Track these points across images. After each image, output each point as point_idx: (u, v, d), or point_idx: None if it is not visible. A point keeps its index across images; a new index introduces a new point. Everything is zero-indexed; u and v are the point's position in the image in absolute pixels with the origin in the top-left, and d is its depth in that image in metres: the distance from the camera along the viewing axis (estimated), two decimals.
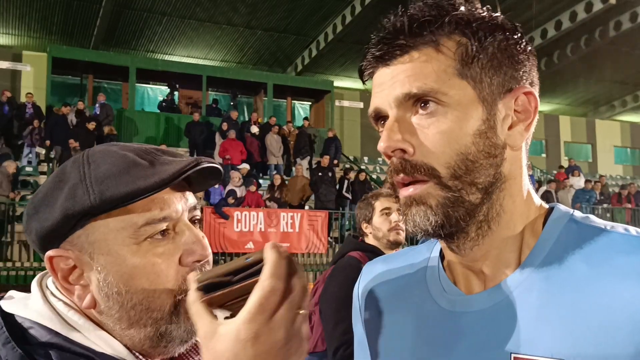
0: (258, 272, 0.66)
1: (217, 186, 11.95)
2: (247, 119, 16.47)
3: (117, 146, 0.85)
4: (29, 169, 12.99)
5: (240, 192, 12.31)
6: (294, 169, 14.33)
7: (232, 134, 13.93)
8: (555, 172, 19.83)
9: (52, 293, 0.83)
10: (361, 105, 19.45)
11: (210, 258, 0.86)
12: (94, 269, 0.80)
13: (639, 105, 22.11)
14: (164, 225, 0.81)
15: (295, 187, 12.98)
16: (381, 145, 0.72)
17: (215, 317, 0.67)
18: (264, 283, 0.64)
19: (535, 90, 0.75)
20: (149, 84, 17.59)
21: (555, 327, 0.69)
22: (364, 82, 0.79)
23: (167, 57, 17.72)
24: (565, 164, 20.67)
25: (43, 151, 13.25)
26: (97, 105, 14.12)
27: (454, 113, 0.70)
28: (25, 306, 0.82)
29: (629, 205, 15.39)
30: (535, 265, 0.74)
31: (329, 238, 12.41)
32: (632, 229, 0.74)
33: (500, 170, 0.73)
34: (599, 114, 23.67)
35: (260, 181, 14.04)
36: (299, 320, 0.67)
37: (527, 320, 0.71)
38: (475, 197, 0.72)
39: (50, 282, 0.85)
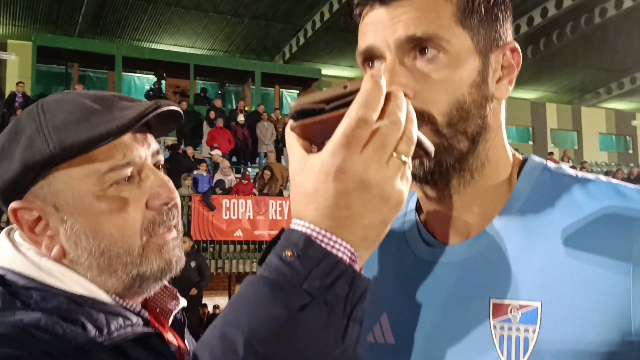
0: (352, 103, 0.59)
1: (204, 174, 11.93)
2: (235, 107, 16.39)
3: (72, 94, 0.84)
4: None
5: (229, 181, 12.30)
6: (282, 157, 14.33)
7: (219, 122, 13.86)
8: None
9: (21, 244, 0.84)
10: None
11: (178, 201, 0.87)
12: (60, 219, 0.81)
13: (624, 93, 22.23)
14: (128, 171, 0.81)
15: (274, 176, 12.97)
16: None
17: (309, 149, 0.63)
18: (351, 112, 0.58)
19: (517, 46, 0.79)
20: (135, 72, 17.42)
21: (532, 273, 0.72)
22: (351, 19, 0.77)
23: (153, 46, 17.54)
24: (551, 150, 20.80)
25: None
26: None
27: (453, 62, 0.72)
28: None
29: None
30: (512, 215, 0.77)
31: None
32: (603, 177, 0.77)
33: (487, 120, 0.76)
34: (585, 102, 23.78)
35: (249, 169, 14.02)
36: (393, 164, 0.60)
37: (505, 268, 0.74)
38: (464, 145, 0.74)
39: (17, 235, 0.86)
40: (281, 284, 0.58)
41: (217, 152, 12.91)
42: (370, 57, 0.76)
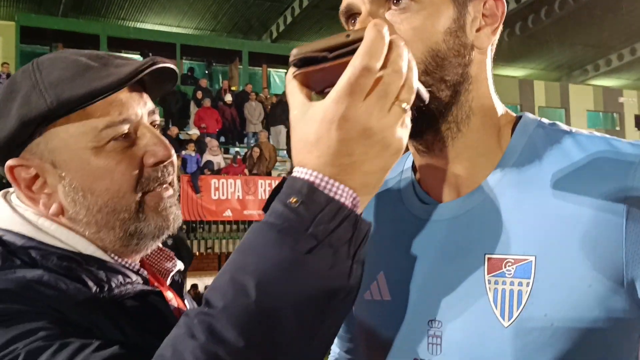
0: (355, 51, 0.59)
1: (193, 154, 11.89)
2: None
3: (67, 52, 0.85)
4: None
5: (217, 161, 12.27)
6: (270, 137, 14.30)
7: (207, 102, 13.78)
8: None
9: (18, 205, 0.84)
10: None
11: (174, 159, 0.88)
12: (57, 176, 0.81)
13: (611, 69, 22.34)
14: (124, 128, 0.82)
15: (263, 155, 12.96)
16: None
17: (310, 97, 0.63)
18: (356, 61, 0.58)
19: None
20: (121, 52, 17.25)
21: (526, 226, 0.72)
22: None
23: (139, 25, 17.35)
24: None
25: None
26: None
27: (427, 10, 0.72)
28: None
29: None
30: (507, 170, 0.77)
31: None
32: (597, 133, 0.78)
33: (468, 70, 0.76)
34: (573, 79, 23.88)
35: (237, 149, 13.99)
36: (394, 112, 0.61)
37: (499, 223, 0.74)
38: (445, 94, 0.75)
39: (14, 196, 0.86)
40: (287, 229, 0.59)
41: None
42: (351, 14, 0.77)
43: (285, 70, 18.87)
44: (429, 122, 0.76)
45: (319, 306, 0.59)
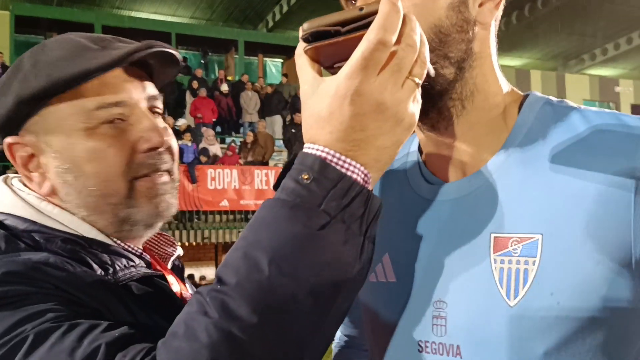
0: (369, 26, 0.58)
1: (189, 144, 11.86)
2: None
3: (74, 34, 0.85)
4: None
5: (213, 150, 12.25)
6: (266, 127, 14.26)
7: (202, 92, 13.72)
8: None
9: (19, 189, 0.84)
10: None
11: (173, 146, 0.87)
12: (51, 156, 0.81)
13: (607, 59, 22.32)
14: (118, 110, 0.81)
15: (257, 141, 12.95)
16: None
17: (320, 73, 0.63)
18: (370, 35, 0.57)
19: None
20: None
21: (533, 205, 0.71)
22: None
23: (133, 14, 17.22)
24: None
25: None
26: None
27: None
28: None
29: None
30: (513, 148, 0.76)
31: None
32: (606, 109, 0.76)
33: (472, 46, 0.75)
34: (569, 68, 23.85)
35: (234, 139, 13.95)
36: (408, 87, 0.61)
37: (506, 202, 0.73)
38: (449, 71, 0.74)
39: (16, 180, 0.86)
40: (300, 205, 0.59)
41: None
42: None
43: (281, 60, 18.83)
44: (433, 100, 0.74)
45: (331, 282, 0.59)
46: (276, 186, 0.63)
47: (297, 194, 0.59)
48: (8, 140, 0.82)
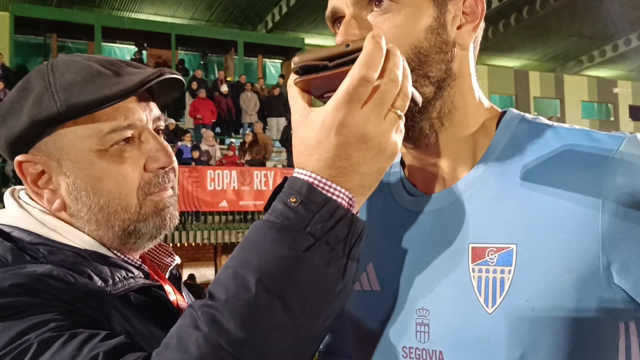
0: (354, 61, 0.63)
1: (189, 145, 11.89)
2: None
3: (81, 57, 0.88)
4: None
5: (212, 151, 12.27)
6: (267, 128, 14.30)
7: (202, 93, 13.75)
8: None
9: (26, 202, 0.88)
10: None
11: (175, 165, 0.92)
12: (62, 174, 0.85)
13: (606, 60, 22.36)
14: (129, 133, 0.86)
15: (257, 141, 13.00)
16: (338, 40, 0.76)
17: (310, 103, 0.67)
18: (355, 72, 0.62)
19: None
20: (115, 43, 17.16)
21: (509, 216, 0.75)
22: None
23: (133, 15, 17.25)
24: None
25: None
26: None
27: (407, 9, 0.75)
28: (2, 215, 0.87)
29: None
30: (490, 162, 0.80)
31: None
32: (577, 126, 0.80)
33: (451, 66, 0.79)
34: (567, 69, 23.89)
35: (233, 140, 13.98)
36: (390, 119, 0.65)
37: (483, 214, 0.78)
38: (428, 90, 0.77)
39: (23, 193, 0.90)
40: (287, 227, 0.63)
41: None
42: (336, 18, 0.80)
43: (280, 61, 18.85)
44: (414, 117, 0.78)
45: (315, 301, 0.63)
46: (267, 207, 0.67)
47: (285, 216, 0.64)
48: (19, 158, 0.86)
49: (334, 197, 0.65)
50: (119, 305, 0.80)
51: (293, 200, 0.64)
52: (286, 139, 12.97)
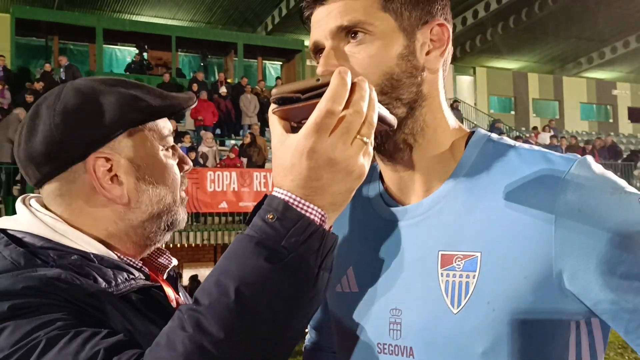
0: (323, 94, 0.71)
1: (188, 146, 11.96)
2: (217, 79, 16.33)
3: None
4: None
5: (212, 152, 12.34)
6: (266, 130, 14.35)
7: (203, 95, 13.83)
8: (523, 129, 20.19)
9: (37, 210, 0.96)
10: None
11: (192, 166, 1.08)
12: (132, 170, 0.96)
13: (605, 62, 22.42)
14: (171, 139, 1.03)
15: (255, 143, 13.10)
16: (319, 71, 0.84)
17: (288, 129, 0.75)
18: (321, 105, 0.70)
19: (449, 25, 0.89)
20: (116, 45, 17.25)
21: (474, 227, 0.84)
22: (304, 23, 0.91)
23: (134, 18, 17.35)
24: (533, 121, 21.01)
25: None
26: (61, 70, 13.62)
27: (380, 40, 0.84)
28: (15, 221, 0.95)
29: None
30: (460, 178, 0.88)
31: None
32: (536, 147, 0.89)
33: (421, 89, 0.87)
34: (566, 71, 23.96)
35: (232, 141, 14.05)
36: (356, 145, 0.73)
37: (452, 224, 0.86)
38: (401, 110, 0.86)
39: (34, 201, 0.98)
40: (264, 241, 0.72)
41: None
42: (318, 50, 0.89)
43: (280, 63, 18.91)
44: (388, 135, 0.87)
45: (288, 306, 0.72)
46: (248, 221, 0.75)
47: (263, 231, 0.72)
48: (95, 154, 0.94)
49: (307, 214, 0.73)
50: (120, 306, 0.88)
51: (270, 217, 0.72)
52: None
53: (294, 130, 0.76)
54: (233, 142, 14.17)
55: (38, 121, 0.94)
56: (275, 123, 0.77)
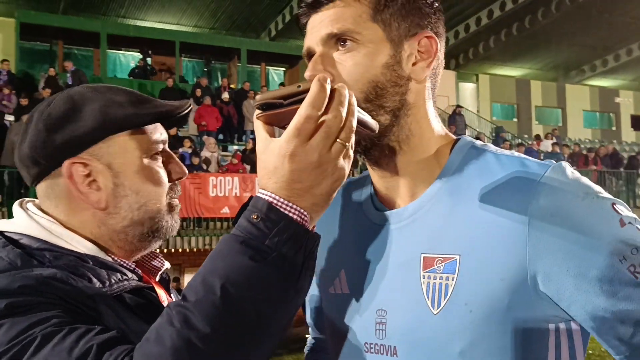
0: (303, 100, 0.74)
1: (190, 151, 12.00)
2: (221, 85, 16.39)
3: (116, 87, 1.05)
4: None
5: (213, 158, 12.38)
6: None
7: (207, 100, 13.90)
8: (525, 136, 20.19)
9: (34, 213, 0.99)
10: None
11: (186, 174, 1.08)
12: (110, 176, 0.98)
13: (608, 70, 22.44)
14: (161, 147, 1.03)
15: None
16: (307, 74, 0.88)
17: (272, 134, 0.79)
18: (301, 110, 0.74)
19: (439, 38, 0.92)
20: (120, 50, 17.34)
21: (455, 230, 0.87)
22: (300, 29, 0.94)
23: (138, 23, 17.44)
24: (536, 129, 21.01)
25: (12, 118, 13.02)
26: (68, 75, 13.68)
27: (367, 49, 0.87)
28: (12, 223, 0.98)
29: (594, 167, 15.81)
30: (443, 183, 0.91)
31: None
32: (517, 153, 0.92)
33: (406, 98, 0.90)
34: (569, 79, 23.97)
35: (236, 147, 14.09)
36: (335, 148, 0.77)
37: (435, 227, 0.89)
38: (384, 118, 0.89)
39: (31, 205, 1.02)
40: (248, 240, 0.75)
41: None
42: (310, 55, 0.92)
43: (283, 69, 18.98)
44: (373, 141, 0.90)
45: (272, 303, 0.75)
46: (235, 221, 0.78)
47: (248, 231, 0.75)
48: (72, 159, 0.97)
49: (290, 214, 0.76)
50: (114, 305, 0.91)
51: (255, 217, 0.75)
52: None
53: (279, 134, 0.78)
54: (236, 147, 14.21)
55: (29, 125, 0.98)
56: (259, 128, 0.80)
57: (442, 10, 0.95)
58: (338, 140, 0.77)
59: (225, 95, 14.66)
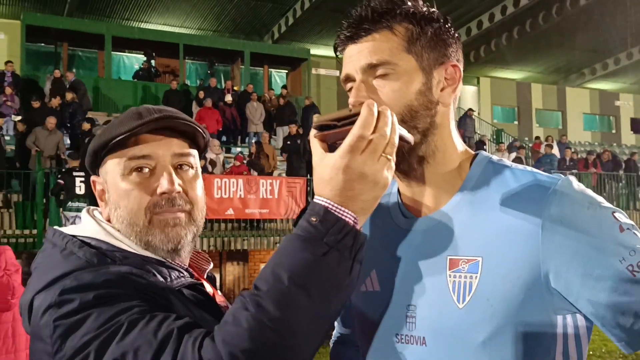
0: (355, 122, 0.88)
1: None
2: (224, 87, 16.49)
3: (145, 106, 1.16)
4: (7, 137, 12.91)
5: (217, 160, 12.47)
6: (276, 137, 14.48)
7: (208, 102, 13.99)
8: (526, 138, 20.29)
9: (100, 220, 1.14)
10: (337, 73, 18.98)
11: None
12: (107, 192, 1.14)
13: (608, 73, 22.51)
14: (143, 163, 1.10)
15: (262, 151, 13.30)
16: (351, 100, 1.00)
17: (326, 149, 0.92)
18: (354, 131, 0.88)
19: (460, 65, 1.05)
20: (125, 52, 17.46)
21: (477, 235, 0.99)
22: (337, 57, 1.07)
23: (143, 25, 17.55)
24: (536, 131, 21.10)
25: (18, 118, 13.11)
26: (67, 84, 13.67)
27: (403, 77, 1.00)
28: (83, 229, 1.12)
29: (594, 170, 15.92)
30: (465, 193, 1.04)
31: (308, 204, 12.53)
32: (529, 167, 1.05)
33: (434, 119, 1.03)
34: (570, 82, 24.05)
35: (238, 149, 14.17)
36: (382, 161, 0.90)
37: (458, 233, 1.02)
38: (416, 137, 1.01)
39: (97, 212, 1.17)
40: (309, 239, 0.88)
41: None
42: (348, 80, 1.05)
43: (286, 71, 19.06)
44: (404, 156, 1.02)
45: (329, 290, 0.88)
46: (295, 223, 0.92)
47: (308, 231, 0.88)
48: (93, 178, 1.17)
49: (343, 217, 0.89)
50: (178, 297, 1.04)
51: (313, 219, 0.89)
52: (288, 148, 13.14)
53: (331, 150, 0.92)
54: (239, 149, 14.30)
55: None
56: (316, 145, 0.93)
57: (459, 39, 1.08)
58: (382, 154, 0.89)
59: (228, 98, 14.75)
